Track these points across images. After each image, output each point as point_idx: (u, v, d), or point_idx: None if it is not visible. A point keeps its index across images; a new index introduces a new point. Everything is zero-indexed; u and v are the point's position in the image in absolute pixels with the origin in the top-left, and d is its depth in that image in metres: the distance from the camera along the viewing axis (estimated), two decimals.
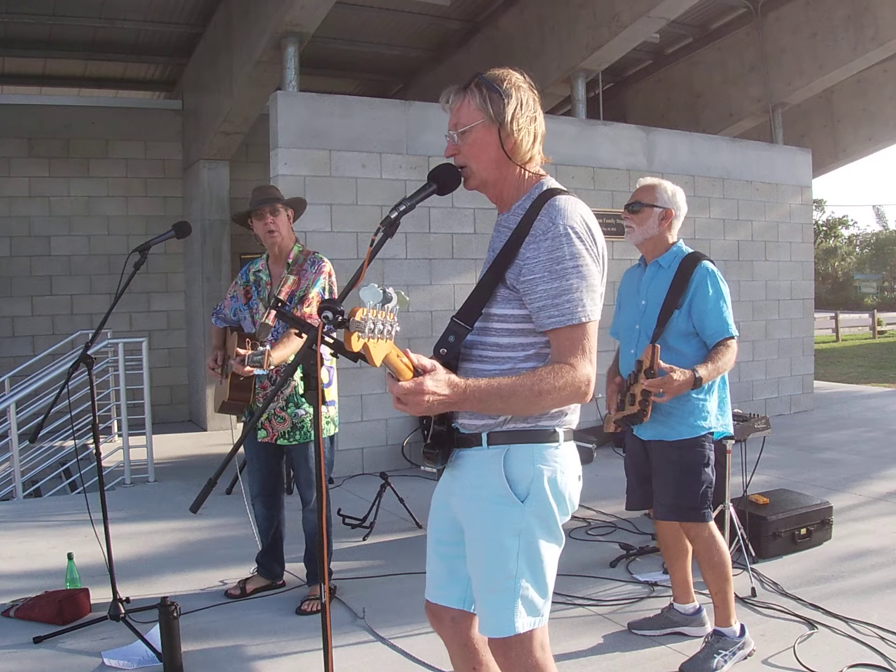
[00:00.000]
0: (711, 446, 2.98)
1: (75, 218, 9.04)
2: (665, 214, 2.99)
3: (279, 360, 3.21)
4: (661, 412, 2.93)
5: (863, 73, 10.02)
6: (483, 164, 1.81)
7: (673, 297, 2.92)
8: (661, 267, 3.02)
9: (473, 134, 1.78)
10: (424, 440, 1.86)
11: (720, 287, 2.92)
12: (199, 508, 1.63)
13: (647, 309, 3.02)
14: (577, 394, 1.70)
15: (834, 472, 5.92)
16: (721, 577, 2.90)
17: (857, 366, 14.73)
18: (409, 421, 6.50)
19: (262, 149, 7.25)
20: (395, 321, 1.50)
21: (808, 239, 9.05)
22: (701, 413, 2.93)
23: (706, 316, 2.89)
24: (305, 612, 3.43)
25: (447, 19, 8.89)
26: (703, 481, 2.91)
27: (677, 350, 2.92)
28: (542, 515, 1.77)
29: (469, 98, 1.79)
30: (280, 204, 3.49)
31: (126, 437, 6.00)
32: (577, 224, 1.73)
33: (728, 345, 2.89)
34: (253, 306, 3.56)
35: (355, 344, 1.43)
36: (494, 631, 1.78)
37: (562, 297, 1.69)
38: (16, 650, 3.10)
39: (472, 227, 6.73)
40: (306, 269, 3.47)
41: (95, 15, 7.84)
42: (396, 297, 1.49)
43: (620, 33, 7.09)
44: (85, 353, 3.20)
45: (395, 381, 1.58)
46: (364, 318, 1.42)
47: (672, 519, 3.01)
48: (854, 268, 46.67)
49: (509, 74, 1.80)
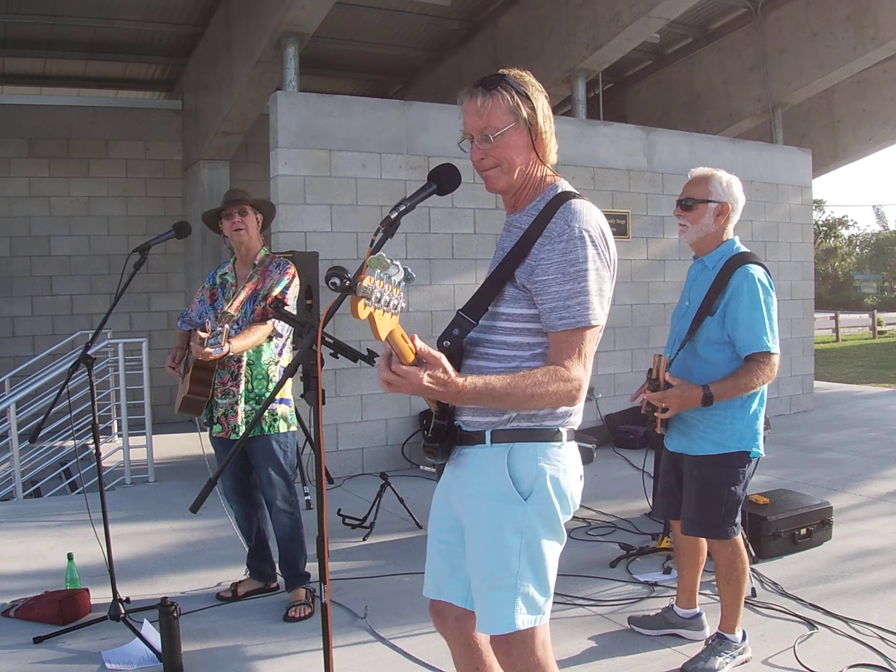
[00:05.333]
0: (744, 466, 2.77)
1: (75, 218, 9.04)
2: (721, 209, 2.78)
3: (239, 349, 3.23)
4: (684, 423, 2.78)
5: (863, 74, 10.03)
6: (517, 166, 1.80)
7: (708, 301, 2.72)
8: (706, 266, 2.83)
9: (507, 137, 1.78)
10: (424, 437, 1.86)
11: (758, 294, 2.67)
12: (199, 508, 1.63)
13: (687, 311, 2.85)
14: (567, 397, 1.71)
15: (834, 472, 5.92)
16: (736, 591, 2.84)
17: (857, 366, 14.72)
18: (409, 421, 6.51)
19: (262, 149, 7.25)
20: (401, 297, 1.47)
21: (808, 239, 9.05)
22: (726, 430, 2.73)
23: (738, 326, 2.67)
24: (294, 618, 3.37)
25: (447, 19, 8.89)
26: (728, 500, 2.73)
27: (706, 359, 2.74)
28: (545, 514, 1.78)
29: (498, 100, 1.77)
30: (248, 205, 3.52)
31: (126, 437, 6.00)
32: (593, 228, 1.74)
33: (759, 360, 2.64)
34: (217, 307, 3.56)
35: (361, 311, 1.39)
36: (493, 628, 1.78)
37: (573, 299, 1.70)
38: (16, 650, 3.10)
39: (472, 227, 6.73)
40: (271, 271, 3.51)
41: (95, 15, 7.84)
42: (403, 271, 1.46)
43: (620, 33, 7.10)
44: (85, 354, 3.20)
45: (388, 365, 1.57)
46: (371, 285, 1.39)
47: (694, 534, 2.90)
48: (854, 268, 46.69)
49: (529, 77, 1.82)
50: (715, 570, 2.92)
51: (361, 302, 1.39)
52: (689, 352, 2.80)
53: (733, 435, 2.75)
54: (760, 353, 2.66)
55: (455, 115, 1.90)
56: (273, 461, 3.45)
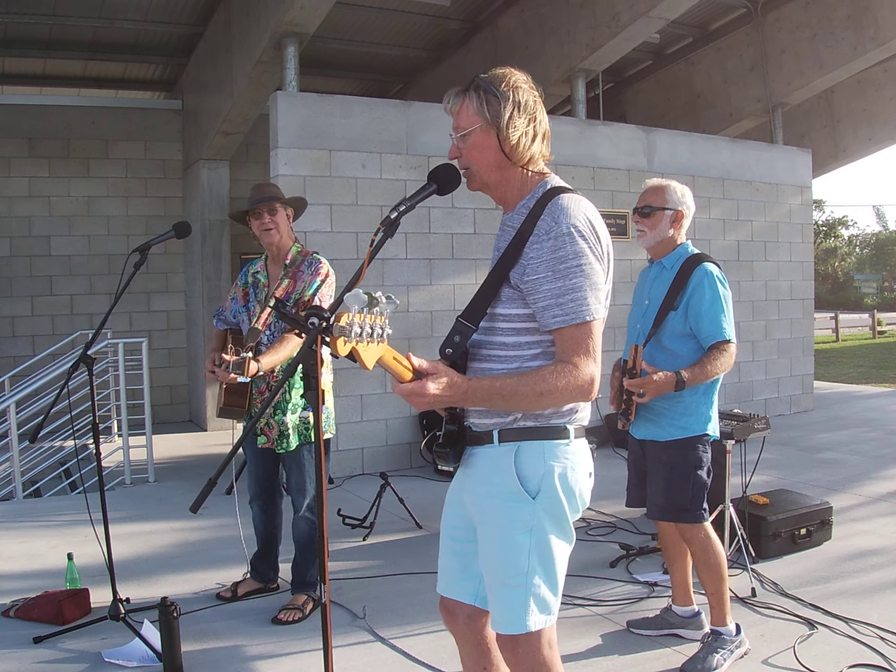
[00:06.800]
0: (707, 449, 2.95)
1: (75, 218, 9.03)
2: (676, 216, 3.00)
3: (269, 366, 3.16)
4: (652, 412, 2.93)
5: (863, 74, 10.03)
6: (484, 167, 1.82)
7: (670, 297, 2.93)
8: (665, 267, 3.04)
9: (472, 137, 1.79)
10: (423, 439, 1.87)
11: (718, 290, 2.89)
12: (199, 508, 1.63)
13: (648, 309, 3.04)
14: (580, 392, 1.71)
15: (834, 472, 5.92)
16: (717, 577, 2.90)
17: (857, 366, 14.72)
18: (409, 422, 6.50)
19: (262, 149, 7.24)
20: (387, 324, 1.50)
21: (807, 239, 9.05)
22: (692, 415, 2.91)
23: (701, 318, 2.88)
24: (282, 621, 3.35)
25: (447, 19, 8.89)
26: (695, 483, 2.89)
27: (672, 350, 2.93)
28: (553, 512, 1.78)
29: (467, 102, 1.79)
30: (278, 203, 3.42)
31: (126, 437, 6.00)
32: (581, 223, 1.73)
33: (722, 349, 2.85)
34: (251, 308, 3.50)
35: (342, 349, 1.44)
36: (506, 628, 1.79)
37: (565, 296, 1.70)
38: (16, 650, 3.10)
39: (472, 227, 6.73)
40: (302, 272, 3.40)
41: (95, 15, 7.84)
42: (385, 300, 1.49)
43: (620, 33, 7.09)
44: (85, 353, 3.19)
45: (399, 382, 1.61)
46: (350, 322, 1.43)
47: (664, 519, 3.03)
48: (854, 268, 46.66)
49: (509, 76, 1.80)
50: (692, 559, 3.00)
51: (340, 340, 1.43)
52: (654, 345, 2.95)
53: (699, 419, 2.92)
54: (723, 342, 2.86)
55: None
56: (303, 470, 3.43)
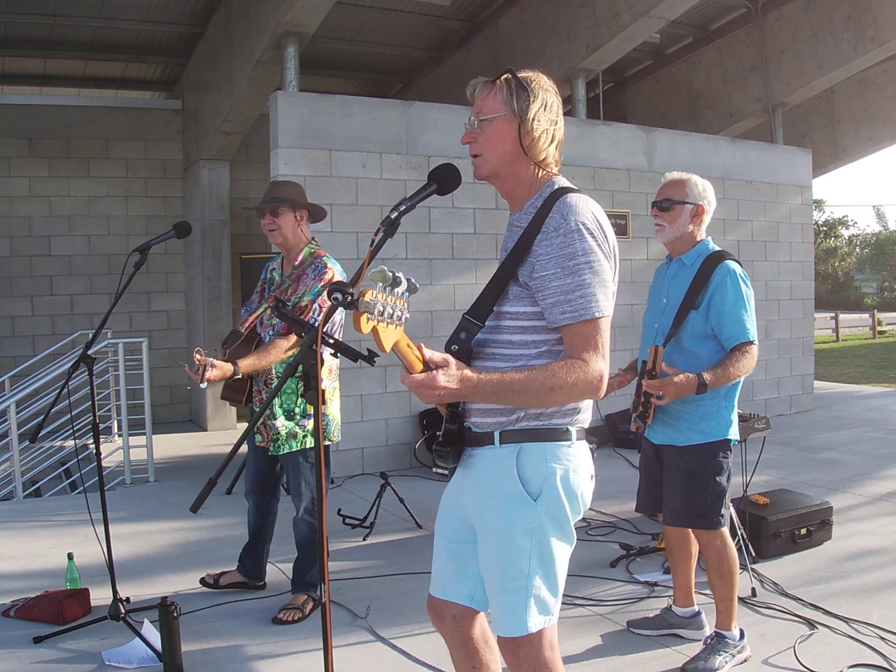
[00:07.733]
0: (728, 454, 2.86)
1: (75, 218, 9.03)
2: (696, 211, 2.92)
3: (248, 370, 3.21)
4: (671, 416, 2.85)
5: (863, 74, 10.03)
6: (498, 155, 1.83)
7: (691, 296, 2.83)
8: (685, 265, 2.94)
9: (494, 124, 1.81)
10: (423, 438, 1.87)
11: (741, 289, 2.81)
12: (199, 508, 1.63)
13: (666, 308, 2.95)
14: (589, 388, 1.71)
15: (834, 472, 5.92)
16: (728, 584, 2.86)
17: (857, 366, 14.72)
18: (409, 421, 6.50)
19: (262, 149, 7.24)
20: (406, 308, 1.48)
21: (808, 239, 9.05)
22: (713, 419, 2.82)
23: (723, 318, 2.79)
24: (282, 621, 3.36)
25: (447, 19, 8.89)
26: (714, 490, 2.81)
27: (692, 351, 2.84)
28: (555, 514, 1.78)
29: (497, 90, 1.82)
30: (284, 205, 3.40)
31: (126, 437, 6.00)
32: (589, 220, 1.74)
33: (745, 350, 2.77)
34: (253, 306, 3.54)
35: (364, 326, 1.41)
36: (507, 630, 1.79)
37: (574, 292, 1.70)
38: (16, 650, 3.10)
39: (472, 227, 6.73)
40: (307, 275, 3.38)
41: (95, 15, 7.83)
42: (406, 282, 1.47)
43: (620, 33, 7.09)
44: (85, 353, 3.19)
45: (408, 373, 1.61)
46: (374, 299, 1.40)
47: (680, 525, 2.95)
48: (854, 268, 46.65)
49: (539, 76, 1.86)
50: (706, 564, 2.95)
51: (364, 316, 1.40)
52: (673, 346, 2.86)
53: (720, 423, 2.84)
54: (745, 343, 2.78)
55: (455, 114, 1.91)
56: (301, 475, 3.46)
